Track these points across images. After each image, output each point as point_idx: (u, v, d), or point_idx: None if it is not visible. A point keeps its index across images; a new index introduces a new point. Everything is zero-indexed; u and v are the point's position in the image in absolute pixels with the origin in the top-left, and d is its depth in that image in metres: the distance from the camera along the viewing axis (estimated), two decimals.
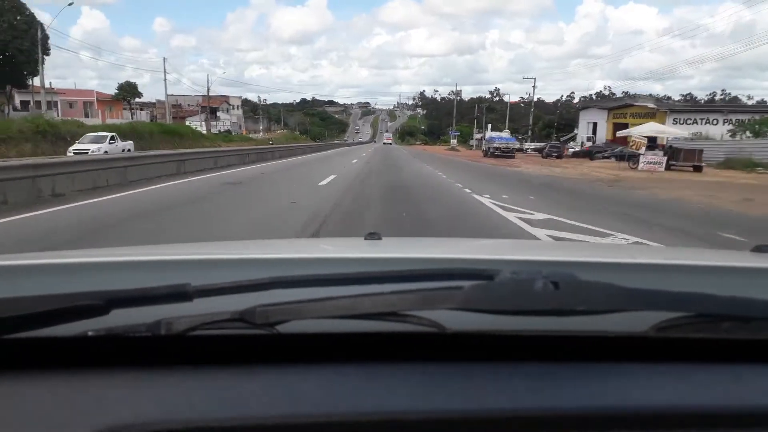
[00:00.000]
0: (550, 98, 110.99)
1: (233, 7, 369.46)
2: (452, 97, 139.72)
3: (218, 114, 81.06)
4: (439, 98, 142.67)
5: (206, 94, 79.95)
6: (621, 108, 50.62)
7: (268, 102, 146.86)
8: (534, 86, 60.91)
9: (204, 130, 62.73)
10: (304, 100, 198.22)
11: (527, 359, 0.70)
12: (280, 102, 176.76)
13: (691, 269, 1.06)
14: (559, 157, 42.74)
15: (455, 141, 70.83)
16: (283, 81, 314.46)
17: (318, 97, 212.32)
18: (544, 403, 0.63)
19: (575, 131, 64.04)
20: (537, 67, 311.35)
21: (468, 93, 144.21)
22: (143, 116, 59.37)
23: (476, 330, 0.70)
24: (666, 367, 0.71)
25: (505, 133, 48.48)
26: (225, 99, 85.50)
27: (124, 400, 0.62)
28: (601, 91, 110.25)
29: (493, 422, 0.61)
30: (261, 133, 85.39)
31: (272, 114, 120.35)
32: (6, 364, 0.66)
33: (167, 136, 40.38)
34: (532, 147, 51.68)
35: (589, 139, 52.99)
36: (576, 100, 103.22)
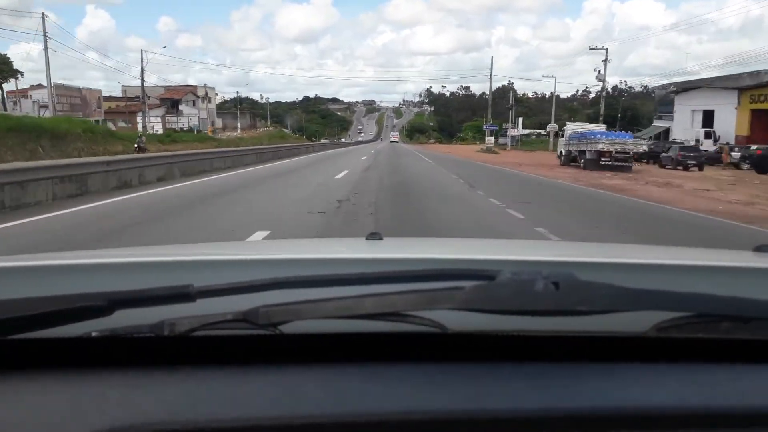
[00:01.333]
0: (561, 94, 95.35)
1: (238, 6, 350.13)
2: (462, 92, 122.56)
3: (181, 108, 63.20)
4: (448, 93, 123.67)
5: (160, 82, 62.75)
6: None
7: (271, 100, 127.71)
8: (606, 60, 42.38)
9: (159, 127, 47.36)
10: (306, 98, 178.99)
11: (528, 359, 0.70)
12: (283, 100, 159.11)
13: (691, 269, 1.05)
14: (699, 167, 24.57)
15: (491, 139, 51.71)
16: (289, 80, 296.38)
17: (321, 95, 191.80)
18: (545, 403, 0.63)
19: (655, 123, 45.77)
20: (543, 65, 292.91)
21: (475, 90, 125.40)
22: (27, 106, 41.22)
23: (477, 330, 0.70)
24: (666, 367, 0.71)
25: (586, 125, 30.00)
26: (190, 89, 66.65)
27: (126, 400, 0.62)
28: (617, 86, 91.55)
29: (495, 422, 0.61)
30: (238, 131, 67.74)
31: (263, 110, 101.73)
32: (9, 364, 0.66)
33: (22, 135, 21.88)
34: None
35: (708, 136, 34.53)
36: (592, 95, 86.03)
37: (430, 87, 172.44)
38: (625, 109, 64.18)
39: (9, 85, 42.85)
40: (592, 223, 8.70)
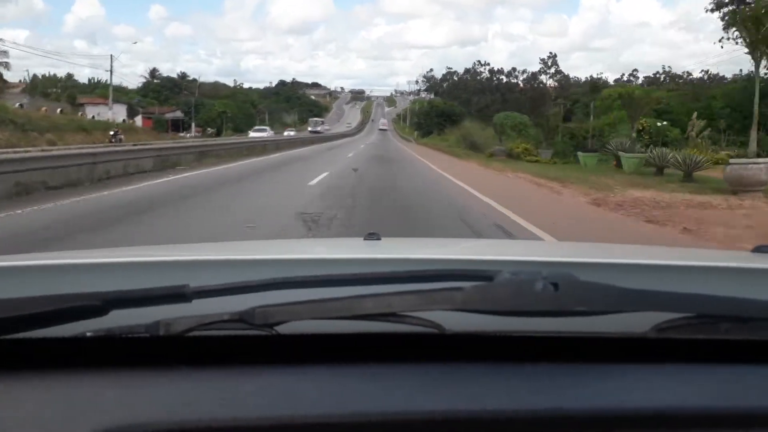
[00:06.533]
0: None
1: None
2: (479, 68, 69.78)
3: None
4: (461, 71, 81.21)
5: None
6: None
7: (245, 86, 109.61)
8: None
9: None
10: (282, 82, 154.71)
11: (527, 360, 0.70)
12: (261, 87, 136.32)
13: (691, 269, 1.06)
14: None
15: None
16: (280, 71, 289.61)
17: (299, 79, 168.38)
18: (544, 404, 0.63)
19: None
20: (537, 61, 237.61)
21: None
22: None
23: (476, 331, 0.70)
24: (666, 367, 0.71)
25: None
26: None
27: (123, 400, 0.62)
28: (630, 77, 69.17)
29: (493, 423, 0.61)
30: None
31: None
32: (5, 364, 0.66)
33: None
34: None
35: None
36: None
37: (431, 70, 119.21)
38: None
39: None
40: None
